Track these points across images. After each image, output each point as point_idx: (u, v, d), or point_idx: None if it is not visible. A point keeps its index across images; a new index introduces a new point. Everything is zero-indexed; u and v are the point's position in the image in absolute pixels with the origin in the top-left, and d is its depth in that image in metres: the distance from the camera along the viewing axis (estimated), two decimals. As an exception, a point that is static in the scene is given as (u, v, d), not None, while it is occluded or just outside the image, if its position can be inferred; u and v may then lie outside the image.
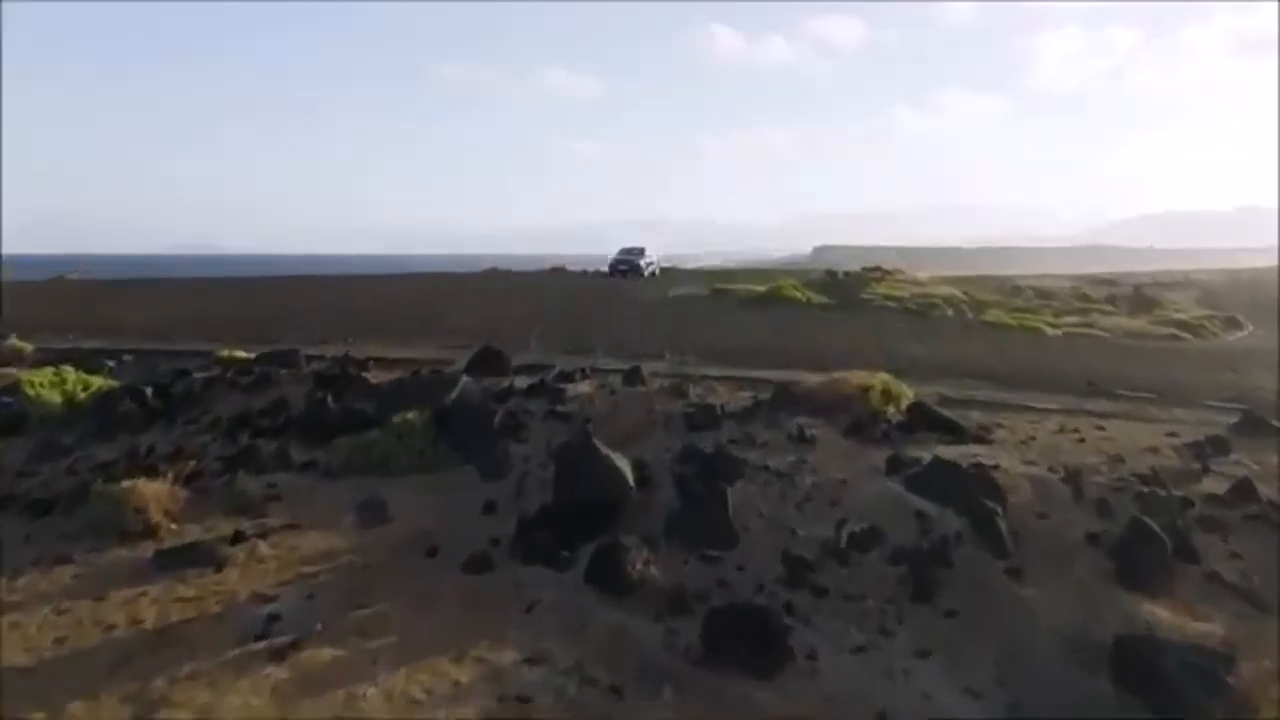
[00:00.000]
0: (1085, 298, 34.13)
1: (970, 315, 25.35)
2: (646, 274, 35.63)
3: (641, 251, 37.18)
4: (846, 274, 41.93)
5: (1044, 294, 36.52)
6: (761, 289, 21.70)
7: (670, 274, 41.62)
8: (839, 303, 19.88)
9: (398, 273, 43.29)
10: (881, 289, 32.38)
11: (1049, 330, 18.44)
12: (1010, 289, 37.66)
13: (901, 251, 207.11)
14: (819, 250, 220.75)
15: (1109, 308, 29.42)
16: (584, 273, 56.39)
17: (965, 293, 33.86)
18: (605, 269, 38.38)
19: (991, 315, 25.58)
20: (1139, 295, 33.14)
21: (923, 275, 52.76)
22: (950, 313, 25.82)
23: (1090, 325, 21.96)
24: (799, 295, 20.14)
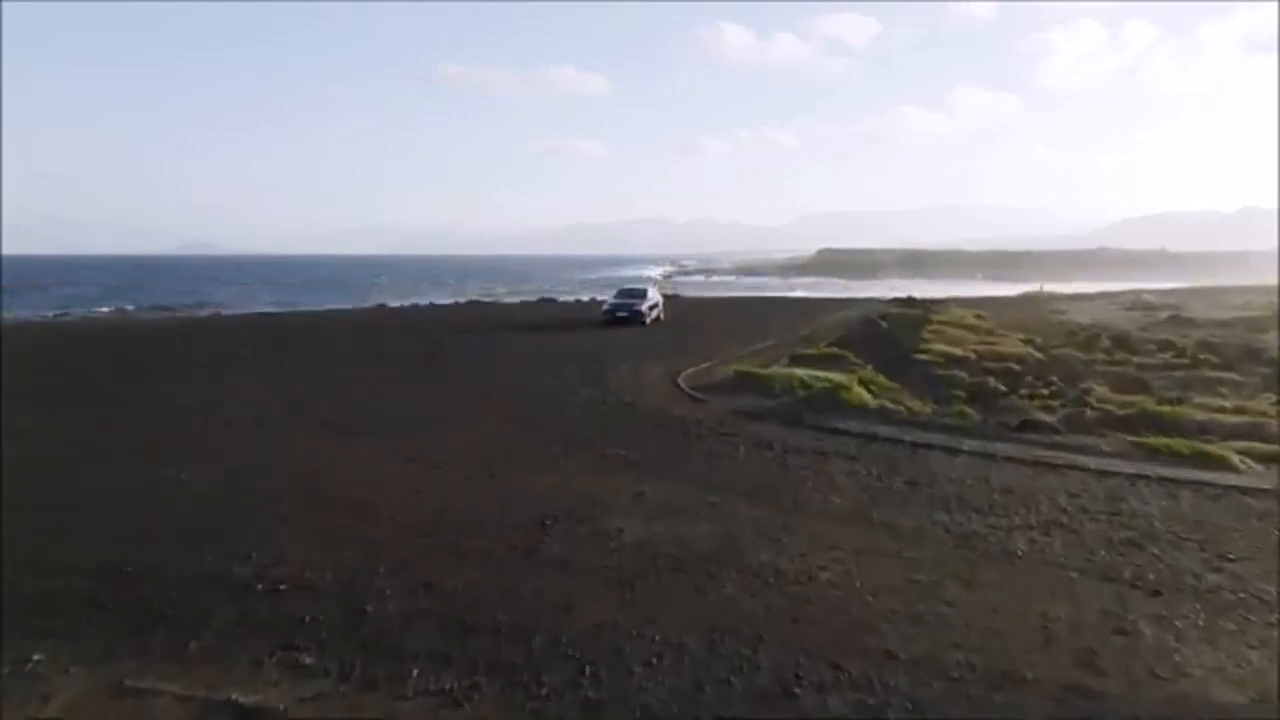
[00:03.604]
0: (1175, 349, 28.25)
1: (1074, 398, 19.53)
2: (650, 319, 29.71)
3: (643, 293, 31.18)
4: (885, 318, 36.21)
5: (1120, 341, 30.63)
6: (806, 379, 15.78)
7: (672, 311, 35.62)
8: (935, 420, 13.90)
9: (323, 311, 37.53)
10: (937, 344, 26.56)
11: (1238, 463, 12.59)
12: (1083, 336, 31.76)
13: (906, 255, 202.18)
14: (823, 252, 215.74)
15: (1226, 372, 23.45)
16: (576, 304, 50.50)
17: (1036, 347, 28.02)
18: (600, 291, 32.77)
19: (1100, 396, 19.75)
20: (1249, 350, 27.16)
21: (957, 308, 46.97)
22: (1046, 393, 19.99)
23: (1259, 421, 16.10)
24: (868, 399, 14.22)
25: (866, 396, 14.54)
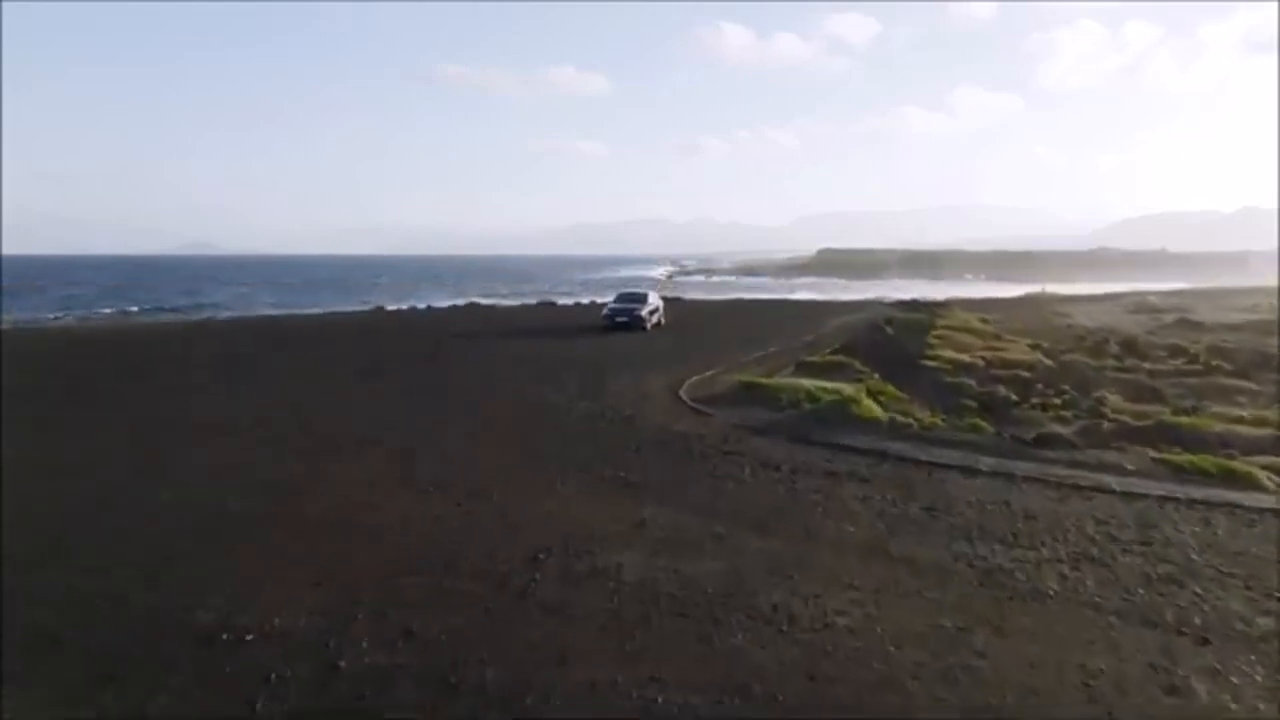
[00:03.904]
0: (1186, 355, 27.70)
1: (1087, 408, 18.97)
2: (650, 324, 29.13)
3: (644, 298, 30.60)
4: (889, 321, 35.65)
5: (1129, 346, 30.07)
6: (814, 390, 15.25)
7: (673, 315, 35.01)
8: (949, 436, 13.38)
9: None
10: (944, 350, 26.01)
11: (1266, 481, 12.03)
12: (1091, 341, 31.19)
13: (906, 255, 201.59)
14: (823, 253, 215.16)
15: (1240, 379, 22.87)
16: (575, 306, 49.85)
17: (1045, 353, 27.47)
18: (600, 292, 32.25)
19: (1114, 406, 19.20)
20: (1262, 356, 26.56)
21: (961, 311, 46.41)
22: (1059, 402, 19.42)
23: None
24: (878, 412, 13.69)
25: (876, 410, 13.99)
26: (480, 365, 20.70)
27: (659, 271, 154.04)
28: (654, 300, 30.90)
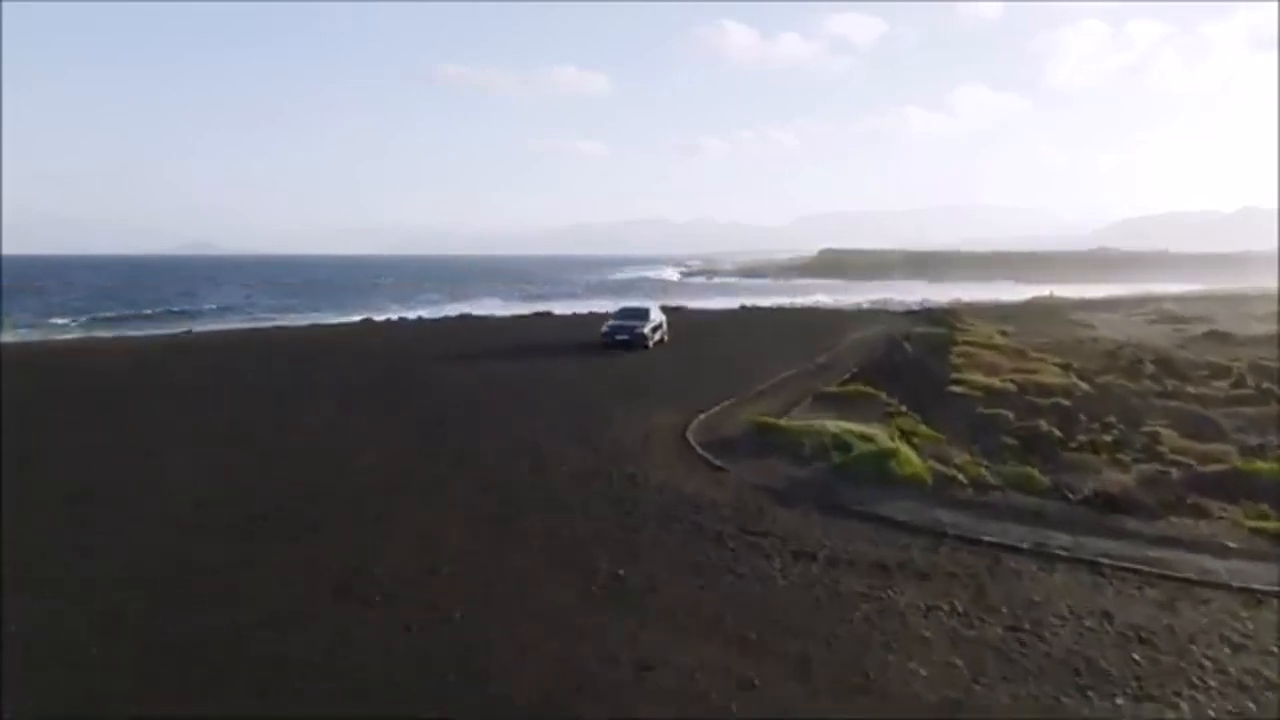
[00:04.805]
0: (1230, 376, 25.74)
1: (1141, 446, 17.00)
2: (653, 342, 27.16)
3: (645, 314, 28.57)
4: (908, 338, 33.64)
5: (1165, 365, 28.13)
6: (840, 434, 13.28)
7: (676, 329, 32.91)
8: (1006, 501, 11.39)
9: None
10: (971, 373, 24.03)
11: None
12: (1124, 360, 29.19)
13: (908, 256, 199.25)
14: (824, 253, 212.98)
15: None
16: (574, 317, 47.74)
17: (1078, 374, 25.49)
18: (601, 295, 30.23)
19: (1171, 444, 17.21)
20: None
21: (981, 324, 44.39)
22: (1109, 440, 17.43)
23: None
24: (918, 466, 11.73)
25: (916, 461, 12.01)
26: (464, 398, 18.60)
27: (673, 274, 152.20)
28: (655, 316, 28.83)
